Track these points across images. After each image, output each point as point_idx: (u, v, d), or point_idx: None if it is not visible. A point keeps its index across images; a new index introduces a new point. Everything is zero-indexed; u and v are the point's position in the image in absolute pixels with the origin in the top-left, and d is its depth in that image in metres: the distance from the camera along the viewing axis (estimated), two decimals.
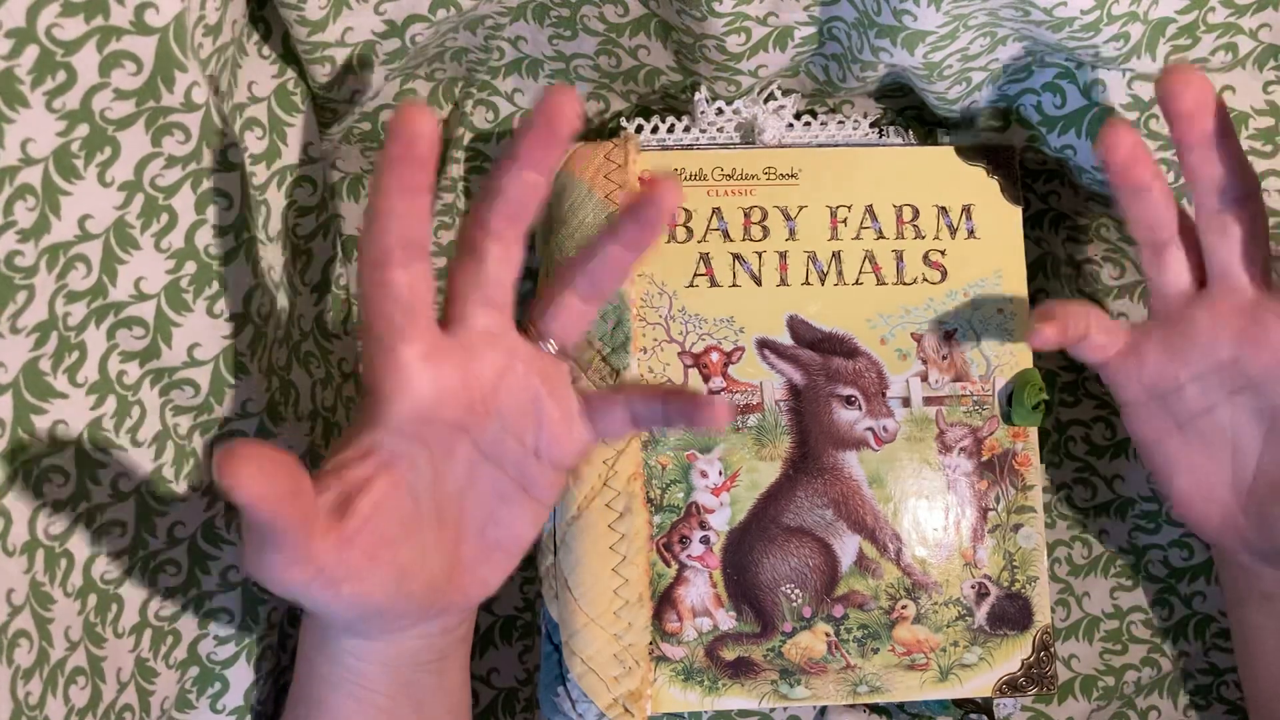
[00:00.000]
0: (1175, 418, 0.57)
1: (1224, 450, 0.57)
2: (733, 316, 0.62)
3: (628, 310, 0.61)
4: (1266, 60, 0.59)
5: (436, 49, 0.62)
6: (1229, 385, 0.55)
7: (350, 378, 0.63)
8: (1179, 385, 0.56)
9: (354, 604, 0.47)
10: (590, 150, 0.62)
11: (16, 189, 0.43)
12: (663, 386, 0.56)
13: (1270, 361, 0.54)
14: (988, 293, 0.63)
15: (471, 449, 0.50)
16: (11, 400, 0.45)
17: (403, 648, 0.53)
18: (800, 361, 0.62)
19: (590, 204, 0.61)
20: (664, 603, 0.60)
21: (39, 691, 0.47)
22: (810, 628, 0.61)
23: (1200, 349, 0.55)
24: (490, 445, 0.51)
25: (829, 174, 0.63)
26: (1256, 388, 0.55)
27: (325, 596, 0.46)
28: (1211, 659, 0.70)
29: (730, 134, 0.65)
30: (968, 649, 0.61)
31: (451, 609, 0.53)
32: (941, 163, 0.64)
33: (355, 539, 0.46)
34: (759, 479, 0.61)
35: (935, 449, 0.62)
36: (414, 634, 0.52)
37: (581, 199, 0.61)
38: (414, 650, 0.53)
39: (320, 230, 0.60)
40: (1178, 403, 0.57)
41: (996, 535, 0.62)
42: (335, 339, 0.62)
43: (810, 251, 0.63)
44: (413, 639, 0.53)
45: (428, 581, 0.50)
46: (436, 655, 0.54)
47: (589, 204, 0.61)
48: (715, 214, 0.63)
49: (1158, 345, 0.57)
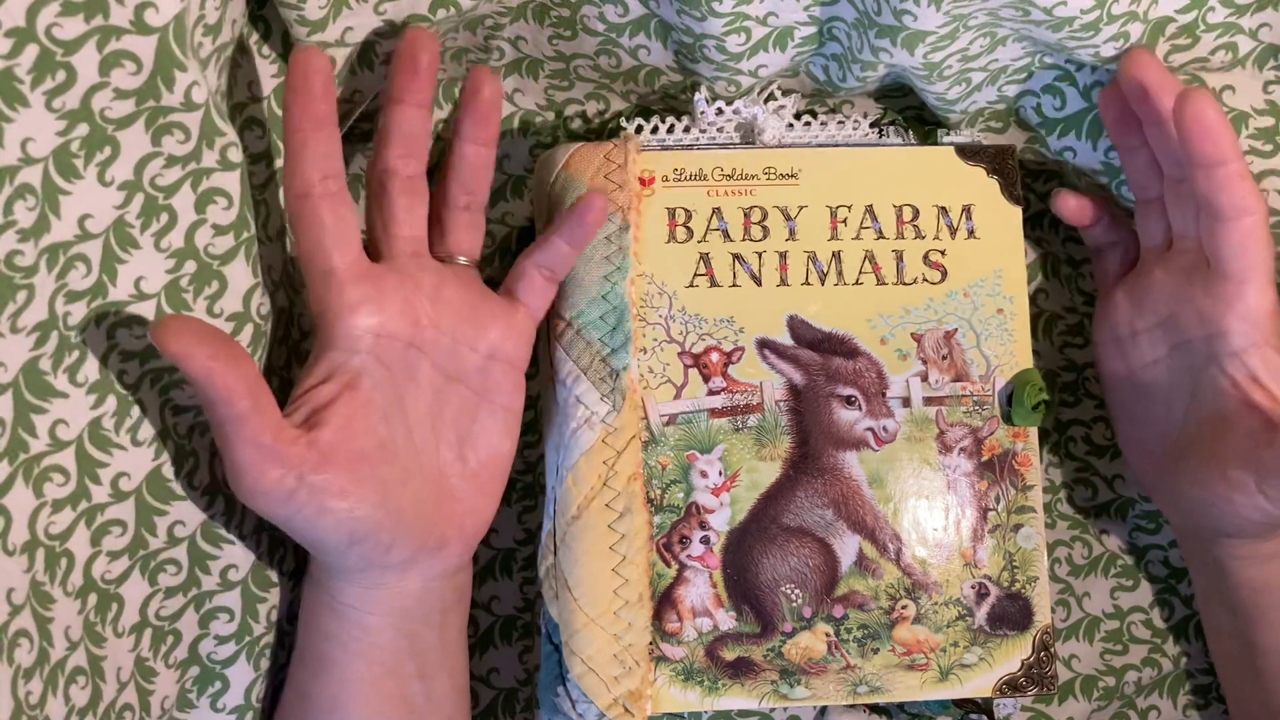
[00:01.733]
0: (1129, 364, 0.61)
1: (1160, 403, 0.60)
2: (732, 316, 0.62)
3: (627, 311, 0.61)
4: (1266, 60, 0.59)
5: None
6: (1169, 340, 0.59)
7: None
8: (1134, 333, 0.60)
9: (344, 522, 0.51)
10: (590, 150, 0.62)
11: (16, 188, 0.43)
12: (551, 225, 0.60)
13: (1194, 321, 0.57)
14: (988, 293, 0.63)
15: (432, 370, 0.55)
16: (11, 399, 0.45)
17: (405, 595, 0.54)
18: (800, 361, 0.62)
19: None
20: (664, 603, 0.60)
21: (39, 691, 0.47)
22: (810, 628, 0.61)
23: (1151, 302, 0.59)
24: (447, 361, 0.55)
25: (829, 174, 0.63)
26: (1186, 345, 0.58)
27: (312, 512, 0.50)
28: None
29: (730, 134, 0.64)
30: (968, 649, 0.61)
31: (448, 543, 0.55)
32: (941, 163, 0.64)
33: (333, 454, 0.50)
34: (759, 479, 0.61)
35: (935, 449, 0.62)
36: (415, 576, 0.54)
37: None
38: (417, 597, 0.55)
39: None
40: (1132, 350, 0.60)
41: (996, 535, 0.62)
42: None
43: (810, 251, 0.63)
44: (414, 582, 0.55)
45: (415, 503, 0.53)
46: (438, 606, 0.56)
47: None
48: (715, 214, 0.63)
49: (1126, 293, 0.61)
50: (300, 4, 0.53)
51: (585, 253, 0.60)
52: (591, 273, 0.61)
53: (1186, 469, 0.57)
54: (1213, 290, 0.56)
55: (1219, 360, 0.56)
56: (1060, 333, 0.70)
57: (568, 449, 0.60)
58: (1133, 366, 0.61)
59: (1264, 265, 0.55)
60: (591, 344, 0.60)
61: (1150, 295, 0.59)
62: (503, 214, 0.68)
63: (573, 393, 0.60)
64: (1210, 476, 0.56)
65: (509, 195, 0.68)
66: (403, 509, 0.52)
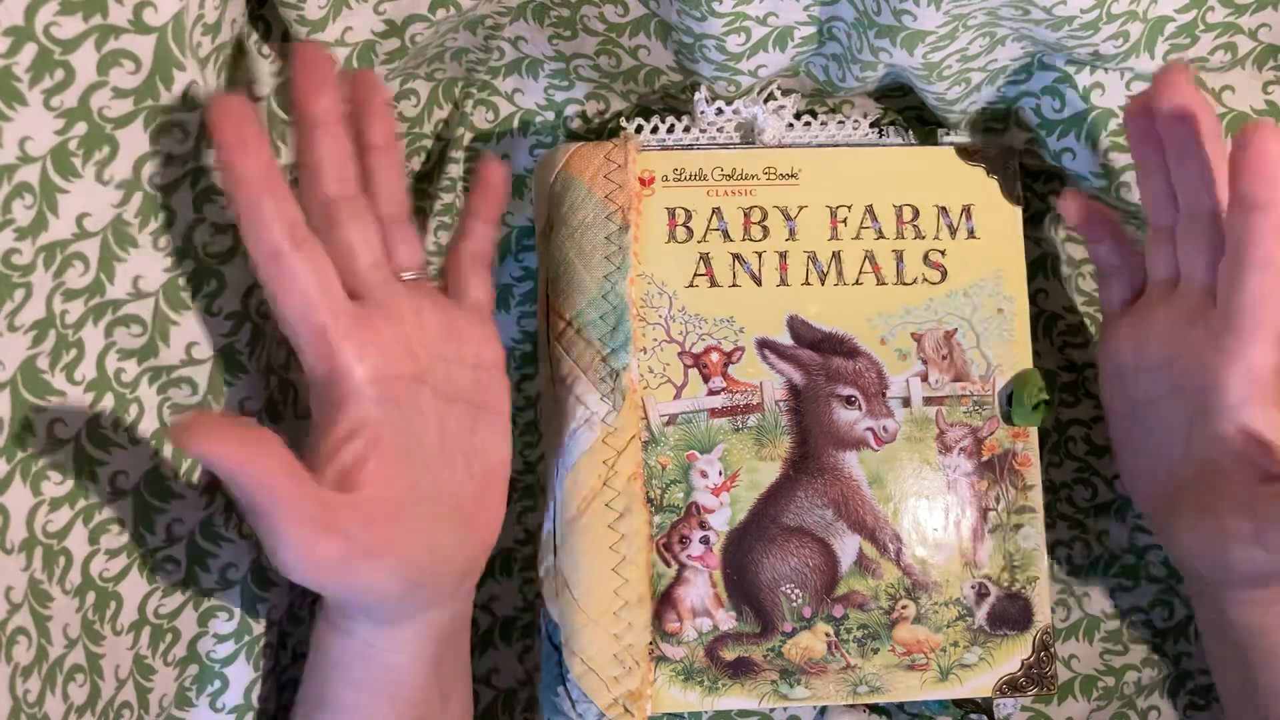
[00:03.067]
0: (1130, 398, 0.60)
1: (1162, 440, 0.58)
2: (733, 316, 0.62)
3: (627, 310, 0.60)
4: (1266, 60, 0.59)
5: (436, 49, 0.62)
6: (1169, 382, 0.57)
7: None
8: (1136, 370, 0.59)
9: (398, 574, 0.49)
10: (590, 150, 0.62)
11: (14, 187, 0.43)
12: (464, 209, 0.59)
13: (1194, 368, 0.55)
14: (988, 293, 0.63)
15: (433, 397, 0.53)
16: (9, 398, 0.45)
17: (437, 625, 0.54)
18: (800, 361, 0.62)
19: (590, 204, 0.61)
20: (664, 603, 0.60)
21: (38, 689, 0.47)
22: (810, 628, 0.61)
23: (1153, 342, 0.58)
24: (444, 384, 0.54)
25: (829, 174, 0.63)
26: (1185, 390, 0.56)
27: (368, 572, 0.48)
28: None
29: (730, 134, 0.64)
30: (968, 649, 0.61)
31: (479, 565, 0.56)
32: (941, 163, 0.64)
33: (376, 511, 0.48)
34: (759, 479, 0.61)
35: (935, 449, 0.62)
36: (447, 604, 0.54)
37: (581, 199, 0.61)
38: (446, 623, 0.54)
39: None
40: (1134, 385, 0.59)
41: (997, 535, 0.62)
42: None
43: (810, 251, 0.63)
44: (445, 611, 0.54)
45: (449, 536, 0.53)
46: (461, 625, 0.56)
47: (589, 204, 0.61)
48: (715, 214, 0.62)
49: (1128, 329, 0.59)
50: (300, 4, 0.53)
51: (585, 252, 0.60)
52: (592, 273, 0.61)
53: (1183, 514, 0.56)
54: (1217, 340, 0.54)
55: (1216, 412, 0.54)
56: (1060, 333, 0.70)
57: (567, 449, 0.60)
58: (1134, 401, 0.60)
59: (1273, 322, 0.52)
60: (591, 344, 0.60)
61: (1152, 335, 0.58)
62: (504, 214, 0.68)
63: (572, 392, 0.60)
64: (1206, 524, 0.54)
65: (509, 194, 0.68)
66: (441, 544, 0.52)
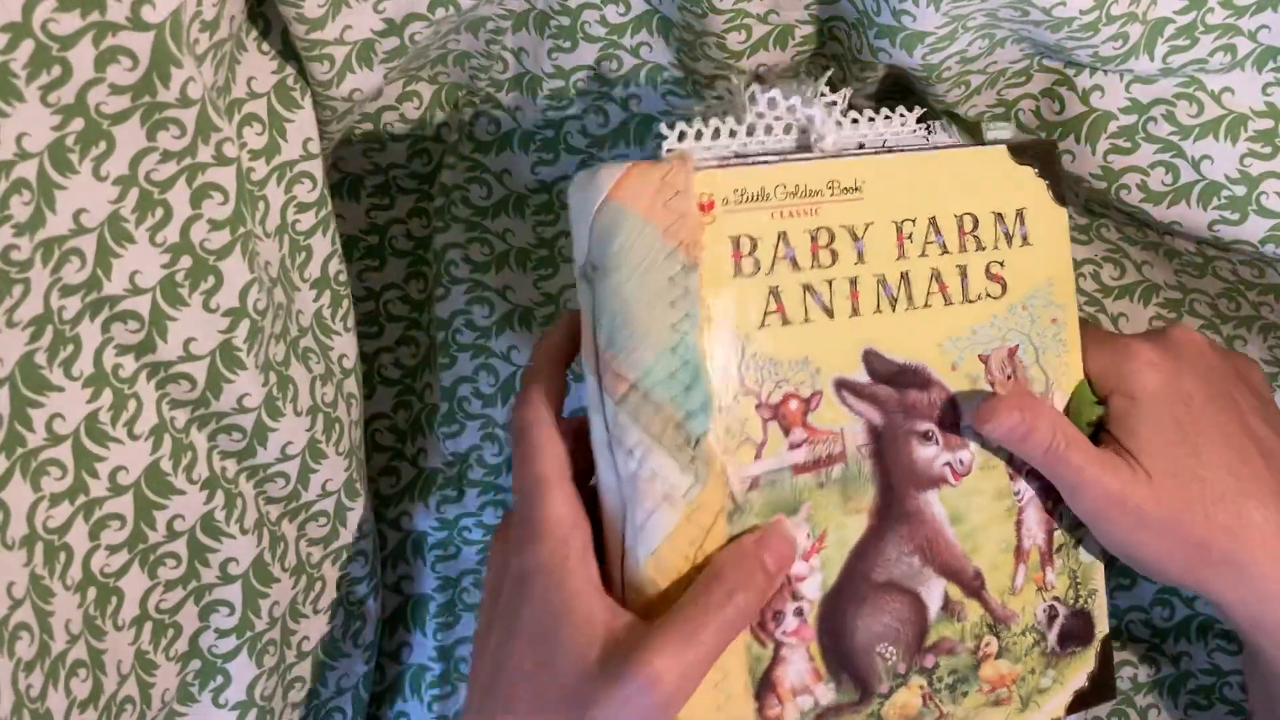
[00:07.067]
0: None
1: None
2: (807, 357, 0.54)
3: (701, 365, 0.51)
4: (1265, 61, 0.58)
5: (439, 50, 0.62)
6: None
7: (350, 374, 0.63)
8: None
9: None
10: (643, 173, 0.50)
11: (11, 183, 0.43)
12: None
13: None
14: (1042, 303, 0.59)
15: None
16: (8, 394, 0.45)
17: None
18: (879, 399, 0.56)
19: (647, 240, 0.50)
20: (763, 687, 0.54)
21: (40, 684, 0.47)
22: (905, 684, 0.56)
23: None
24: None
25: (891, 185, 0.56)
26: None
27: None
28: (1215, 660, 0.69)
29: (780, 136, 0.56)
30: (1043, 673, 0.59)
31: None
32: (994, 164, 0.58)
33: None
34: (846, 535, 0.55)
35: (1006, 475, 0.58)
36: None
37: (636, 235, 0.50)
38: None
39: (320, 226, 0.59)
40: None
41: (1062, 554, 0.59)
42: (335, 335, 0.62)
43: (879, 275, 0.55)
44: None
45: None
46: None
47: (646, 241, 0.50)
48: (781, 239, 0.54)
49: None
50: (299, 2, 0.53)
51: (644, 298, 0.50)
52: (655, 322, 0.50)
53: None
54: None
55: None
56: None
57: (644, 532, 0.51)
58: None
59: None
60: (663, 407, 0.50)
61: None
62: (503, 230, 0.68)
63: (645, 466, 0.51)
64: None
65: (510, 212, 0.68)
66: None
